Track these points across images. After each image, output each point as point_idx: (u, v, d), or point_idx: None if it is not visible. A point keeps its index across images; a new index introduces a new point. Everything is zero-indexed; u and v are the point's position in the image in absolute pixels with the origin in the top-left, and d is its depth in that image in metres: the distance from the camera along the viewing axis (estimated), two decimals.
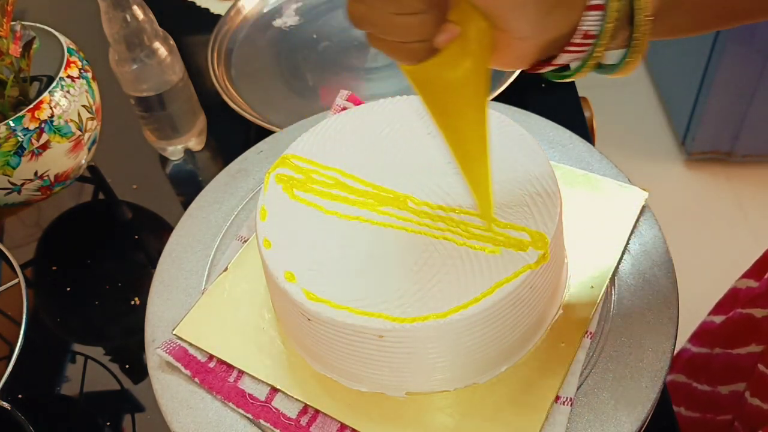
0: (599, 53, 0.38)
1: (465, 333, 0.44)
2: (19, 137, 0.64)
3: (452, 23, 0.37)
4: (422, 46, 0.37)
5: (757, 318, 0.67)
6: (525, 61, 0.39)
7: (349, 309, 0.44)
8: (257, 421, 0.48)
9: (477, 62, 0.38)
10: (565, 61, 0.39)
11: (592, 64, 0.39)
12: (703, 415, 0.73)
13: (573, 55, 0.38)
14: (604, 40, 0.37)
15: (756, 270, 0.71)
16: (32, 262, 0.75)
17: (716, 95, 1.58)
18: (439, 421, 0.47)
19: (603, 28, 0.36)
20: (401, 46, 0.37)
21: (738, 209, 1.69)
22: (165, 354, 0.52)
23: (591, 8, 0.36)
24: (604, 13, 0.36)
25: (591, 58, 0.38)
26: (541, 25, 0.36)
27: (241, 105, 0.80)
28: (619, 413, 0.46)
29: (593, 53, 0.38)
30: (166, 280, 0.57)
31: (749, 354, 0.67)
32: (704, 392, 0.73)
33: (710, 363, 0.73)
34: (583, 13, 0.36)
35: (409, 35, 0.37)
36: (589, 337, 0.49)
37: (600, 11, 0.36)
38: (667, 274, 0.52)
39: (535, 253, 0.45)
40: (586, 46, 0.37)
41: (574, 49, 0.38)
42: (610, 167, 0.59)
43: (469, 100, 0.41)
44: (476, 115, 0.42)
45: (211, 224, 0.61)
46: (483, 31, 0.37)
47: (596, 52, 0.37)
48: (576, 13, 0.36)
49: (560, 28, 0.37)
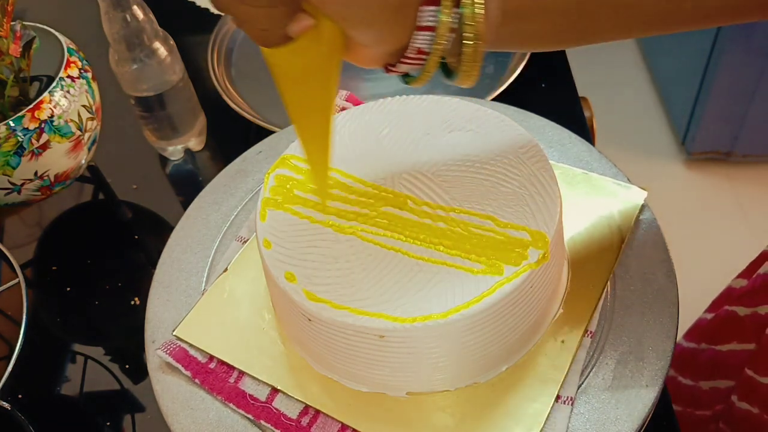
0: (431, 68, 0.41)
1: (466, 333, 0.44)
2: (19, 137, 0.64)
3: (306, 14, 0.39)
4: (276, 33, 0.40)
5: (740, 316, 0.67)
6: (374, 63, 0.42)
7: (350, 309, 0.44)
8: (258, 422, 0.48)
9: (328, 53, 0.41)
10: (405, 70, 0.42)
11: (427, 76, 0.42)
12: (685, 409, 0.73)
13: (410, 67, 0.41)
14: (435, 57, 0.40)
15: (748, 270, 0.72)
16: (32, 262, 0.75)
17: (716, 95, 1.58)
18: (441, 420, 0.47)
19: (432, 48, 0.40)
20: (257, 32, 0.40)
21: (738, 209, 1.69)
22: (165, 355, 0.51)
23: (421, 29, 0.39)
24: (434, 34, 0.39)
25: (425, 71, 0.41)
26: (378, 38, 0.39)
27: (241, 105, 0.80)
28: (620, 412, 0.46)
29: (426, 68, 0.41)
30: (166, 281, 0.57)
31: (732, 351, 0.68)
32: (687, 386, 0.74)
33: (696, 358, 0.74)
34: (414, 33, 0.39)
35: (262, 24, 0.39)
36: (589, 336, 0.49)
37: (431, 32, 0.39)
38: (666, 273, 0.52)
39: (536, 253, 0.45)
40: (421, 61, 0.41)
41: (410, 62, 0.41)
42: (610, 166, 0.59)
43: (318, 87, 0.43)
44: (323, 102, 0.44)
45: (210, 225, 0.61)
46: (333, 28, 0.40)
47: (428, 67, 0.41)
48: (407, 32, 0.39)
49: (396, 43, 0.40)
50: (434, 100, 0.56)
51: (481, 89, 0.78)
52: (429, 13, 0.39)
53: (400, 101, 0.57)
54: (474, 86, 0.43)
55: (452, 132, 0.53)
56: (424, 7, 0.39)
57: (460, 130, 0.53)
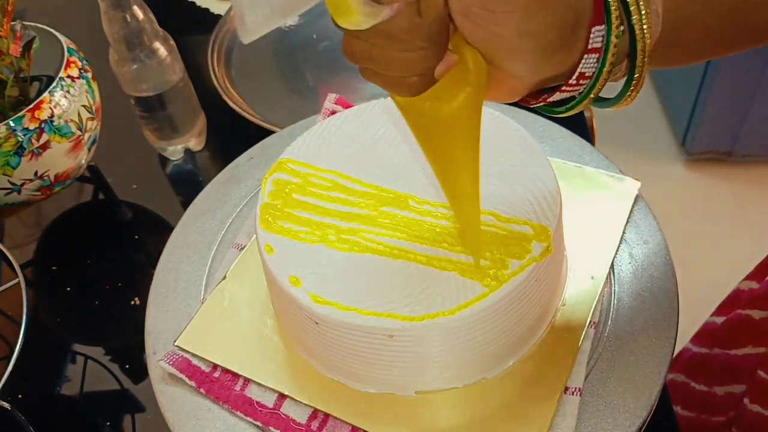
0: (595, 93, 0.38)
1: (474, 329, 0.44)
2: (19, 137, 0.64)
3: (451, 53, 0.36)
4: (421, 80, 0.36)
5: (755, 320, 0.67)
6: (517, 95, 0.38)
7: (357, 310, 0.44)
8: (267, 428, 0.48)
9: (473, 95, 0.37)
10: (559, 98, 0.38)
11: (587, 102, 0.38)
12: (699, 416, 0.73)
13: (568, 94, 0.38)
14: (600, 81, 0.37)
15: (758, 272, 0.71)
16: (32, 262, 0.75)
17: (716, 95, 1.58)
18: (450, 418, 0.47)
19: (600, 70, 0.36)
20: (399, 80, 0.36)
21: (738, 209, 1.69)
22: (168, 366, 0.51)
23: (591, 51, 0.36)
24: (600, 56, 0.36)
25: (585, 97, 0.38)
26: (538, 68, 0.35)
27: (241, 105, 0.80)
28: (627, 400, 0.46)
29: (589, 93, 0.38)
30: (164, 291, 0.57)
31: (746, 355, 0.67)
32: (701, 392, 0.73)
33: (709, 363, 0.73)
34: (583, 57, 0.36)
35: (410, 70, 0.35)
36: (592, 326, 0.50)
37: (597, 54, 0.36)
38: (664, 261, 0.53)
39: (539, 246, 0.46)
40: (581, 86, 0.37)
41: (569, 89, 0.37)
42: (601, 159, 0.60)
43: (462, 135, 0.39)
44: (469, 151, 0.40)
45: (206, 233, 0.60)
46: (480, 64, 0.36)
47: (592, 92, 0.37)
48: (575, 57, 0.36)
49: (557, 70, 0.36)
50: None
51: None
52: (598, 33, 0.35)
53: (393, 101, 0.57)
54: None
55: None
56: (596, 27, 0.35)
57: None
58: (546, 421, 0.45)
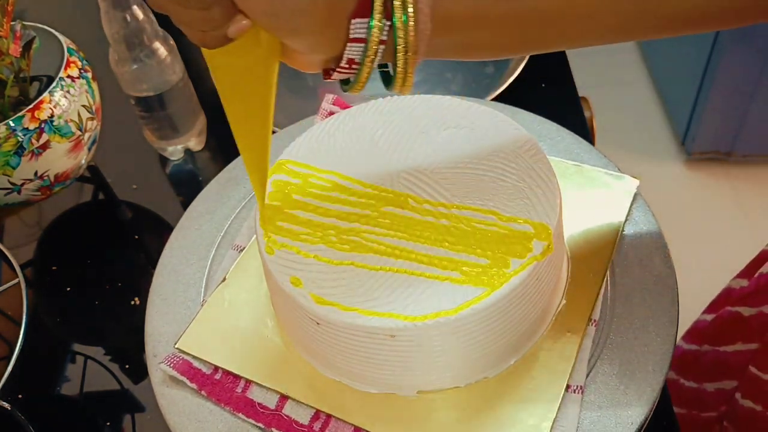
0: (363, 78, 0.41)
1: (475, 328, 0.45)
2: (19, 137, 0.64)
3: (244, 16, 0.39)
4: (214, 35, 0.40)
5: (745, 316, 0.67)
6: (312, 68, 0.42)
7: (359, 310, 0.44)
8: (269, 430, 0.48)
9: (265, 55, 0.41)
10: (338, 77, 0.42)
11: (360, 85, 0.42)
12: (689, 412, 0.73)
13: (343, 75, 0.41)
14: (366, 67, 0.40)
15: (748, 270, 0.72)
16: (32, 262, 0.75)
17: (716, 95, 1.58)
18: (452, 417, 0.47)
19: (363, 58, 0.40)
20: (195, 33, 0.40)
21: (738, 209, 1.69)
22: (169, 368, 0.51)
23: (353, 41, 0.39)
24: (365, 46, 0.39)
25: (358, 80, 0.41)
26: (311, 47, 0.40)
27: None
28: (630, 398, 0.46)
29: (358, 77, 0.41)
30: (164, 293, 0.57)
31: (736, 352, 0.68)
32: (691, 389, 0.74)
33: (699, 360, 0.74)
34: (347, 45, 0.39)
35: (199, 25, 0.39)
36: (593, 325, 0.50)
37: (362, 44, 0.39)
38: (663, 259, 0.53)
39: (540, 245, 0.46)
40: (353, 71, 0.41)
41: (343, 71, 0.41)
42: (600, 157, 0.60)
43: (254, 92, 0.43)
44: (261, 105, 0.44)
45: (204, 235, 0.60)
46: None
47: (360, 77, 0.41)
48: (341, 43, 0.39)
49: (330, 52, 0.40)
50: (425, 99, 0.56)
51: (481, 89, 0.78)
52: (360, 25, 0.38)
53: (392, 101, 0.57)
54: (474, 86, 0.43)
55: (447, 129, 0.53)
56: (355, 19, 0.38)
57: (455, 128, 0.53)
58: (548, 420, 0.45)
